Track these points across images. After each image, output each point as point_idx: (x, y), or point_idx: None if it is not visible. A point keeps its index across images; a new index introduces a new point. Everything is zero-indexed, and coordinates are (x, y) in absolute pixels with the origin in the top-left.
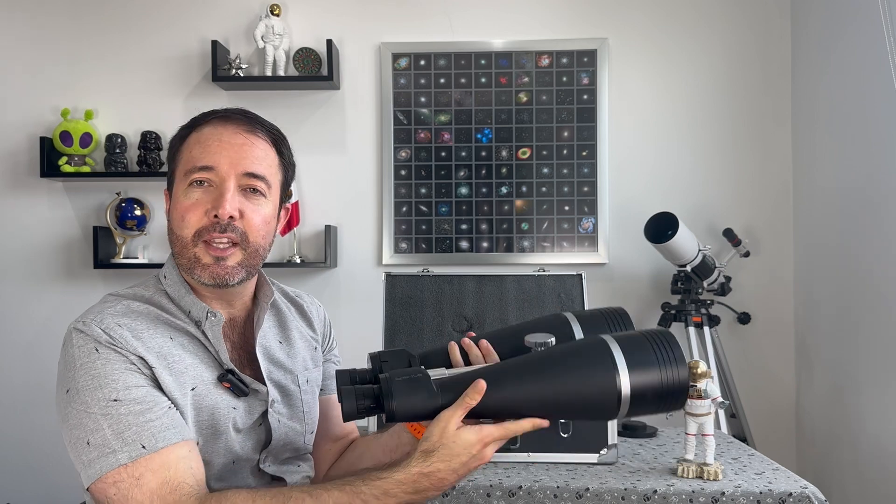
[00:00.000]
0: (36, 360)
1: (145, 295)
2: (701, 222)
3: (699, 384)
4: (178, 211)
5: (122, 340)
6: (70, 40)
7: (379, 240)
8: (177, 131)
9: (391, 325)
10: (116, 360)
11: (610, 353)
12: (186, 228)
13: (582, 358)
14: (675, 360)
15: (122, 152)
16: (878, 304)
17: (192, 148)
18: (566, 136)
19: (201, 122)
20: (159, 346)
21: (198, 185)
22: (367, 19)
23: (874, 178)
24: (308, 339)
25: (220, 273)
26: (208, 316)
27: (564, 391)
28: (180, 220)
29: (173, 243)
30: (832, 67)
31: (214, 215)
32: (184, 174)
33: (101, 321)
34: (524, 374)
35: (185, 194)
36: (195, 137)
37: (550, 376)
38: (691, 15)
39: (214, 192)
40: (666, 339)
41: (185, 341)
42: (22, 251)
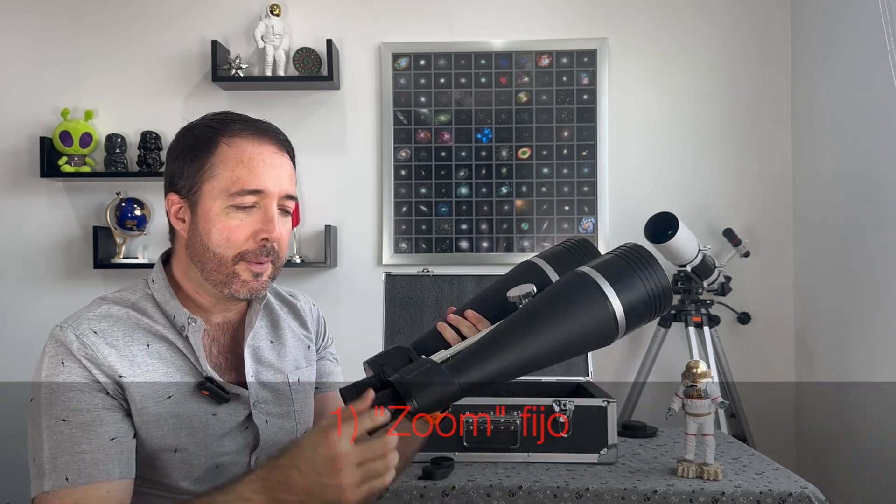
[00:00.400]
0: (36, 360)
1: (131, 299)
2: (701, 222)
3: (699, 384)
4: (220, 230)
5: (94, 348)
6: (70, 40)
7: (379, 240)
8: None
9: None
10: (79, 376)
11: (594, 283)
12: (231, 249)
13: (571, 297)
14: (653, 267)
15: (122, 152)
16: (879, 304)
17: (234, 166)
18: (566, 136)
19: (230, 131)
20: (133, 355)
21: (242, 207)
22: (367, 19)
23: (874, 177)
24: (300, 337)
25: (256, 288)
26: (189, 322)
27: (566, 334)
28: (224, 241)
29: (207, 259)
30: (832, 67)
31: (263, 238)
32: (226, 193)
33: (76, 326)
34: (523, 330)
35: (228, 214)
36: (234, 154)
37: (548, 324)
38: (691, 14)
39: (258, 214)
40: (637, 252)
41: (163, 349)
42: (22, 251)
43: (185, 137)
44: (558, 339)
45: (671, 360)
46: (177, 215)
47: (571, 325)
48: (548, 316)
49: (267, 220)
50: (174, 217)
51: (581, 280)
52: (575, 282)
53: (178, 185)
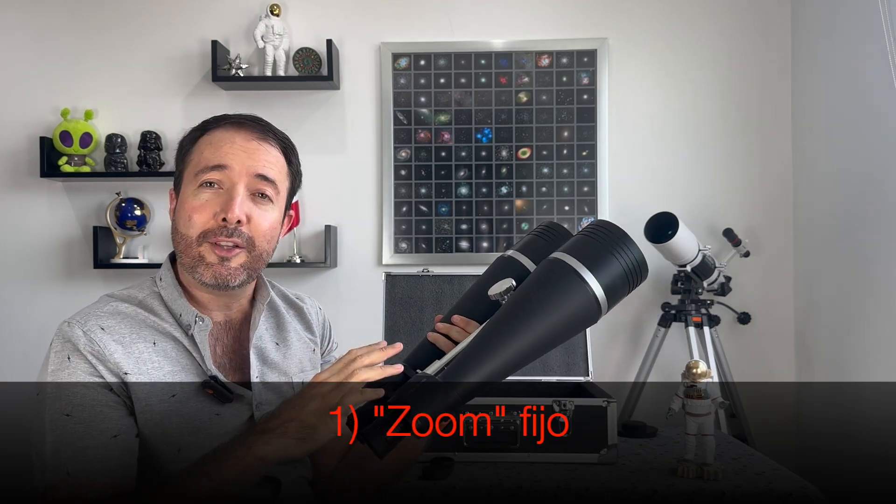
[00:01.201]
0: (36, 360)
1: (138, 297)
2: (701, 222)
3: (699, 384)
4: (186, 210)
5: (101, 344)
6: (70, 40)
7: (379, 240)
8: (187, 132)
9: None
10: (84, 372)
11: (571, 268)
12: (192, 228)
13: (551, 286)
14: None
15: (122, 152)
16: (879, 303)
17: (204, 149)
18: (566, 136)
19: (213, 126)
20: (139, 352)
21: (208, 186)
22: (367, 19)
23: (874, 177)
24: (306, 341)
25: (222, 273)
26: (196, 320)
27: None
28: (187, 220)
29: (177, 242)
30: (832, 67)
31: (223, 218)
32: (194, 175)
33: (84, 323)
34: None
35: (194, 195)
36: (207, 140)
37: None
38: (691, 14)
39: (224, 196)
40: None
41: (169, 347)
42: (22, 251)
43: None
44: (545, 329)
45: (671, 360)
46: (171, 211)
47: (556, 313)
48: (531, 309)
49: (228, 198)
50: (170, 213)
51: (558, 267)
52: (552, 270)
53: (174, 183)
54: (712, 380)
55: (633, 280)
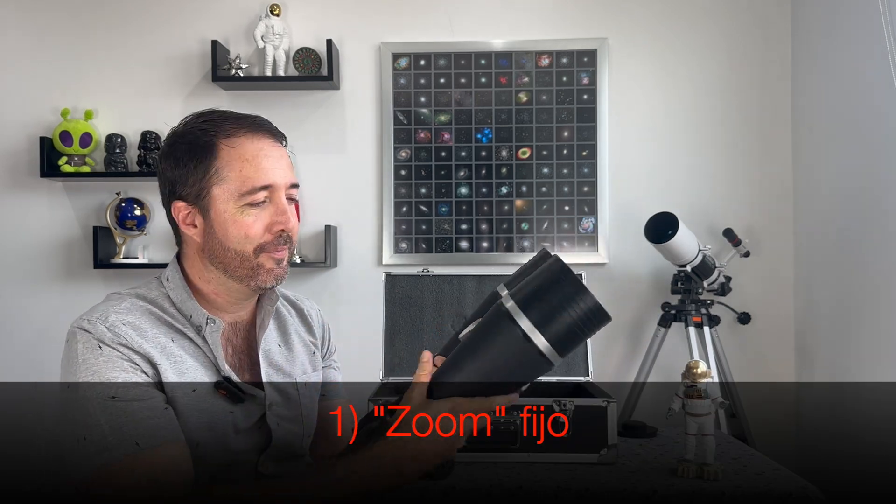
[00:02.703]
0: (36, 360)
1: (148, 296)
2: (701, 222)
3: (699, 384)
4: (239, 229)
5: (127, 337)
6: (70, 40)
7: (379, 240)
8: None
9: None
10: (118, 359)
11: (510, 317)
12: (248, 244)
13: (490, 334)
14: (574, 287)
15: (122, 152)
16: (879, 303)
17: (241, 166)
18: (566, 136)
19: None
20: (163, 345)
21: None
22: (367, 19)
23: (874, 177)
24: (307, 343)
25: (280, 274)
26: (208, 322)
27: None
28: (242, 238)
29: (229, 259)
30: (832, 67)
31: (280, 230)
32: (239, 194)
33: (105, 319)
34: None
35: (243, 212)
36: (236, 154)
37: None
38: (691, 14)
39: (270, 207)
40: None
41: (186, 344)
42: (22, 251)
43: (179, 144)
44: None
45: (671, 360)
46: (185, 221)
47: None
48: (472, 357)
49: (280, 212)
50: (183, 223)
51: (498, 313)
52: (493, 315)
53: (183, 192)
54: (712, 380)
55: (586, 328)
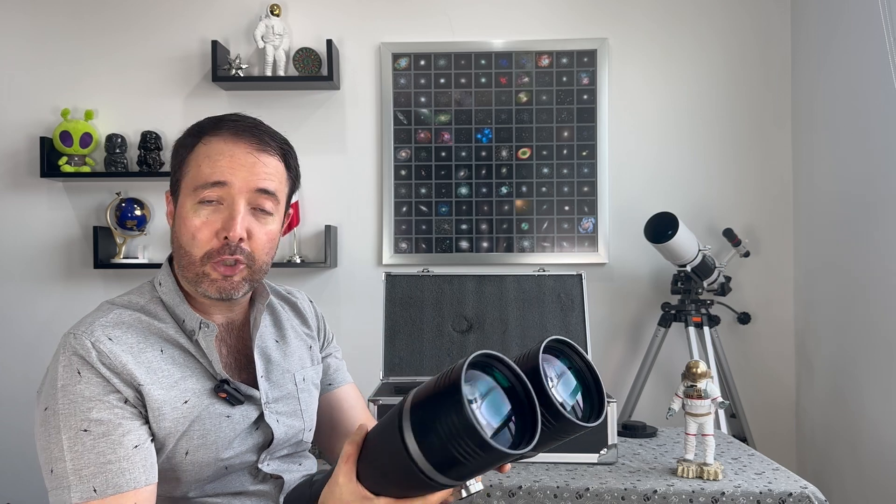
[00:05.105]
0: (36, 361)
1: (139, 303)
2: (701, 222)
3: (699, 384)
4: (188, 228)
5: (111, 356)
6: (70, 40)
7: (379, 240)
8: (183, 134)
9: (391, 325)
10: (97, 385)
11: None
12: (196, 248)
13: (383, 442)
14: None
15: (122, 152)
16: (878, 303)
17: (202, 162)
18: (566, 136)
19: (210, 132)
20: (149, 361)
21: (207, 202)
22: (367, 19)
23: (874, 177)
24: (303, 336)
25: (226, 288)
26: (201, 326)
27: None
28: (190, 239)
29: (180, 256)
30: (832, 67)
31: (225, 237)
32: (192, 189)
33: (91, 333)
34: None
35: (195, 211)
36: (204, 150)
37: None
38: (691, 14)
39: (224, 212)
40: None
41: (177, 353)
42: (22, 251)
43: (179, 137)
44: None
45: (671, 360)
46: (168, 215)
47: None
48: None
49: (229, 217)
50: (167, 216)
51: (392, 425)
52: (388, 427)
53: (172, 184)
54: (712, 380)
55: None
